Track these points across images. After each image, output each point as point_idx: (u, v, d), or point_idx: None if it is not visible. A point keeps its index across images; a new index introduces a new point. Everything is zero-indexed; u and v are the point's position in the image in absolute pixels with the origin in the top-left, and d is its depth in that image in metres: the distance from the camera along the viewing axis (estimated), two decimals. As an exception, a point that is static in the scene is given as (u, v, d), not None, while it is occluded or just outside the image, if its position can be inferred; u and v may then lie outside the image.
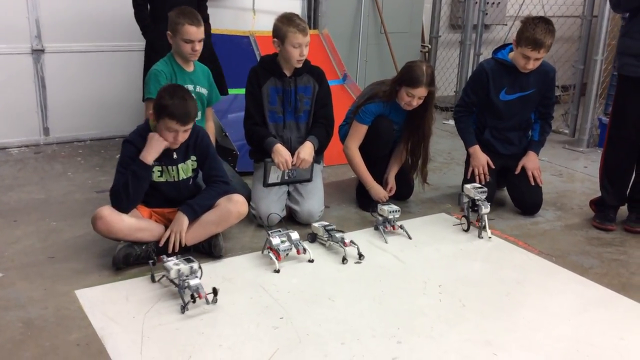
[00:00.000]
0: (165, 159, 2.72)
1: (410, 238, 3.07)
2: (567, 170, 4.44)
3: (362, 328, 2.29)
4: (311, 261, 2.80)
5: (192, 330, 2.24)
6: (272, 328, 2.28)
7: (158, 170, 2.74)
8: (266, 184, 3.21)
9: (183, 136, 2.67)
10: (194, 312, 2.33)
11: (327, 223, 2.97)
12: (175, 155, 2.74)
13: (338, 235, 2.86)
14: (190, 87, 3.21)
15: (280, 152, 3.14)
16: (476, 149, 3.51)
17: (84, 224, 3.00)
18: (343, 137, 3.55)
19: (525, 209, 3.51)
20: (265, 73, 3.23)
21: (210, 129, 3.44)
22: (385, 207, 3.13)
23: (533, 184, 3.47)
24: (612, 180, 3.37)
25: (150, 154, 2.65)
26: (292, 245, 2.76)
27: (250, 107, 3.25)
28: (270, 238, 2.73)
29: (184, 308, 2.32)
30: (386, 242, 3.01)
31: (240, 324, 2.30)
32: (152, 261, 2.58)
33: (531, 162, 3.51)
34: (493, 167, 3.48)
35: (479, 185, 3.22)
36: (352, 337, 2.23)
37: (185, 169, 2.80)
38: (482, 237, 3.10)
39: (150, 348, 2.13)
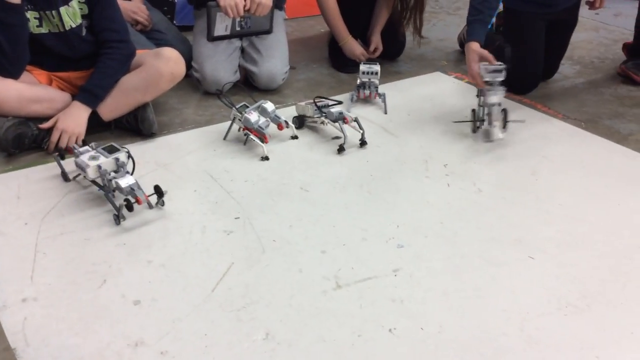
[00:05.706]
0: (39, 1, 1.91)
1: (385, 113, 2.37)
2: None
3: (348, 228, 1.67)
4: (295, 137, 2.15)
5: (107, 241, 1.59)
6: (224, 233, 1.64)
7: (35, 18, 1.94)
8: (211, 37, 2.44)
9: None
10: (111, 214, 1.66)
11: (311, 100, 2.20)
12: None
13: (335, 110, 2.13)
14: None
15: (228, -8, 2.34)
16: None
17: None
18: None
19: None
20: None
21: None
22: (363, 68, 2.44)
23: None
24: None
25: None
26: (270, 120, 2.07)
27: None
28: (247, 115, 2.02)
29: (118, 218, 1.64)
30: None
31: (178, 228, 1.65)
32: (57, 153, 1.87)
33: None
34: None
35: (497, 64, 2.14)
36: (335, 242, 1.61)
37: (72, 14, 1.99)
38: (491, 140, 2.16)
39: (46, 270, 1.48)
